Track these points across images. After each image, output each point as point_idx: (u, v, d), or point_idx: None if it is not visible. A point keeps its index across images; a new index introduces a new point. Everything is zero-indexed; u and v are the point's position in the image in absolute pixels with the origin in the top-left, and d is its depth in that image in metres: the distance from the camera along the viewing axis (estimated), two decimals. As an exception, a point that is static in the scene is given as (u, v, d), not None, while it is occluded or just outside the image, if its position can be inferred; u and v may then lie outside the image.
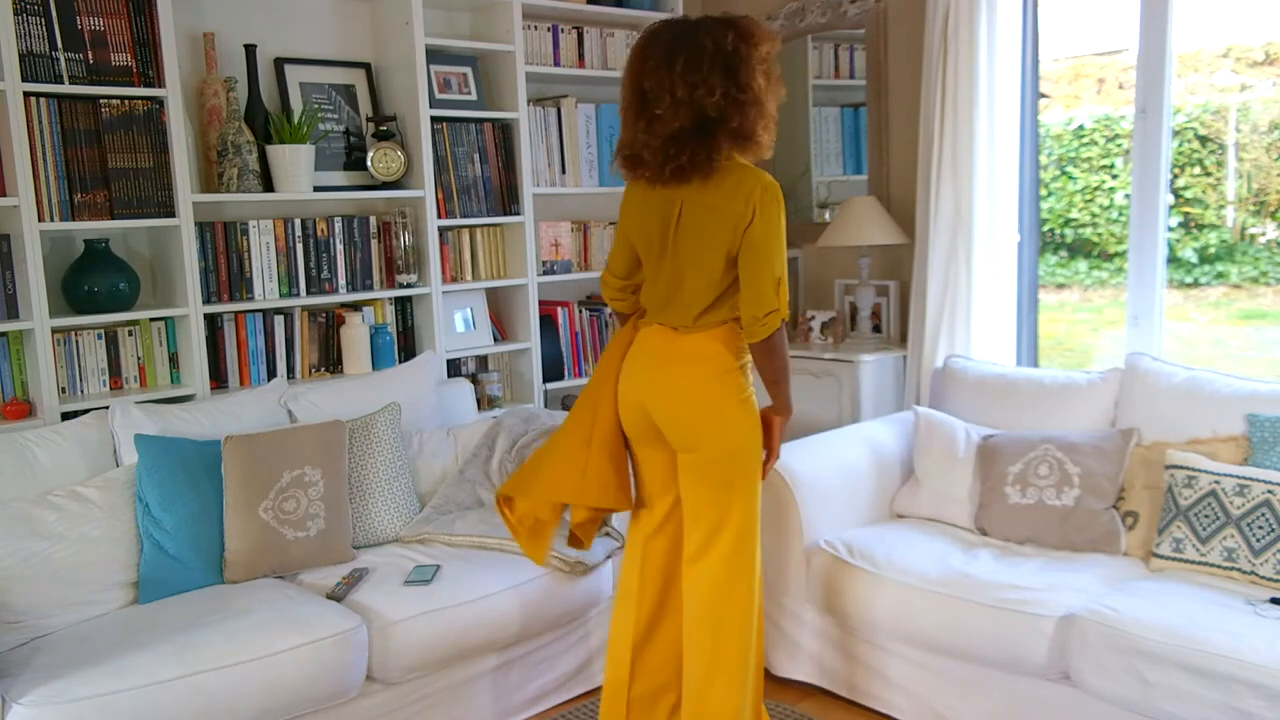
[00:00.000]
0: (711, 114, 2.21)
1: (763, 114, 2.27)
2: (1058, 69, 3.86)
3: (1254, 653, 2.20)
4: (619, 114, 2.40)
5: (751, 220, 2.24)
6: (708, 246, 2.29)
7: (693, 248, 2.31)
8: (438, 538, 3.01)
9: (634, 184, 2.40)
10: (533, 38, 3.98)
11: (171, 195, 3.17)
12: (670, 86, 2.21)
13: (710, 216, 2.27)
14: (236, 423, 2.99)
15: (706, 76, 2.20)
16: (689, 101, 2.21)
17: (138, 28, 3.09)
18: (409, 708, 2.68)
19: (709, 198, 2.27)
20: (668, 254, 2.34)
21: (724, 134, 2.24)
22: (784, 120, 2.26)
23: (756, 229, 2.25)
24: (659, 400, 2.37)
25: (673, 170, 2.26)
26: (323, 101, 3.62)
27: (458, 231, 3.83)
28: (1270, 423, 2.69)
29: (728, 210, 2.25)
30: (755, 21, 2.30)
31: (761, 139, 2.28)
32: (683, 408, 2.35)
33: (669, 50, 2.23)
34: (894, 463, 3.26)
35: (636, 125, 2.28)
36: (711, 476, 2.37)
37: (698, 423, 2.35)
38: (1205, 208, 3.57)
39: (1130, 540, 2.80)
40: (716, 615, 2.40)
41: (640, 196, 2.38)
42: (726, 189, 2.26)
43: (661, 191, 2.32)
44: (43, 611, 2.52)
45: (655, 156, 2.26)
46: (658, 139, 2.25)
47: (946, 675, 2.72)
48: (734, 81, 2.22)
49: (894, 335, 4.07)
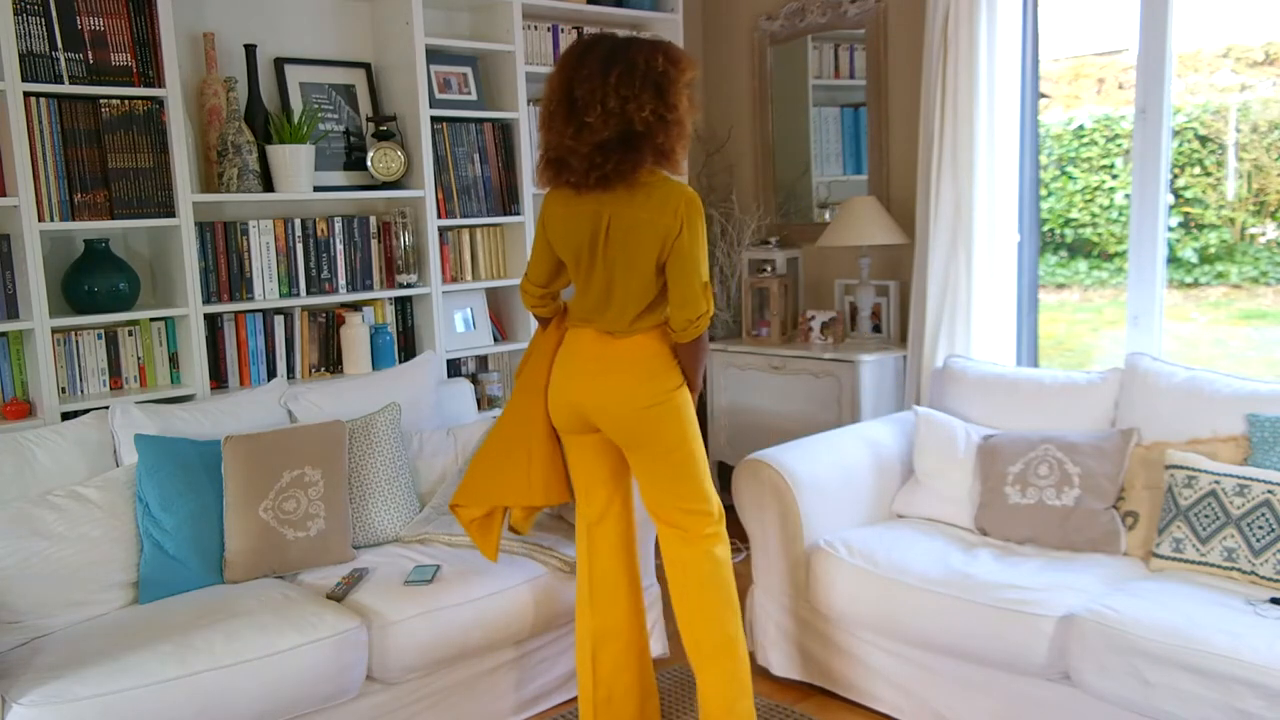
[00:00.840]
0: (639, 128, 2.32)
1: (683, 133, 2.40)
2: (1058, 69, 3.86)
3: (1254, 653, 2.20)
4: (539, 118, 2.48)
5: (680, 232, 2.37)
6: (639, 256, 2.40)
7: (626, 258, 2.41)
8: (438, 538, 3.01)
9: (555, 196, 2.49)
10: (533, 38, 3.98)
11: (171, 195, 3.17)
12: (602, 97, 2.31)
13: (639, 229, 2.38)
14: (236, 423, 2.99)
15: (638, 92, 2.31)
16: (619, 113, 2.31)
17: (138, 28, 3.09)
18: (409, 708, 2.68)
19: (637, 210, 2.38)
20: (598, 264, 2.44)
21: (648, 148, 2.35)
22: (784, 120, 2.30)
23: (684, 239, 2.37)
24: (600, 402, 2.48)
25: (597, 178, 2.35)
26: (323, 101, 3.62)
27: (458, 231, 3.83)
28: (1270, 423, 2.69)
29: (656, 223, 2.37)
30: (681, 49, 2.45)
31: (679, 156, 2.41)
32: (624, 408, 2.46)
33: (604, 62, 2.33)
34: (894, 463, 3.26)
35: (565, 130, 2.36)
36: (667, 464, 2.50)
37: (637, 423, 2.46)
38: (1205, 208, 3.57)
39: (1130, 540, 2.80)
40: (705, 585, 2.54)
41: (562, 210, 2.47)
42: (655, 202, 2.37)
43: (584, 204, 2.42)
44: (43, 611, 2.52)
45: (581, 163, 2.35)
46: (585, 146, 2.34)
47: (946, 675, 2.72)
48: (663, 100, 2.34)
49: (894, 335, 4.07)
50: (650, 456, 2.50)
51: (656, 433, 2.47)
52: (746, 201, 4.62)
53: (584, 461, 2.61)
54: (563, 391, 2.53)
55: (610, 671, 2.65)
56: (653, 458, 2.50)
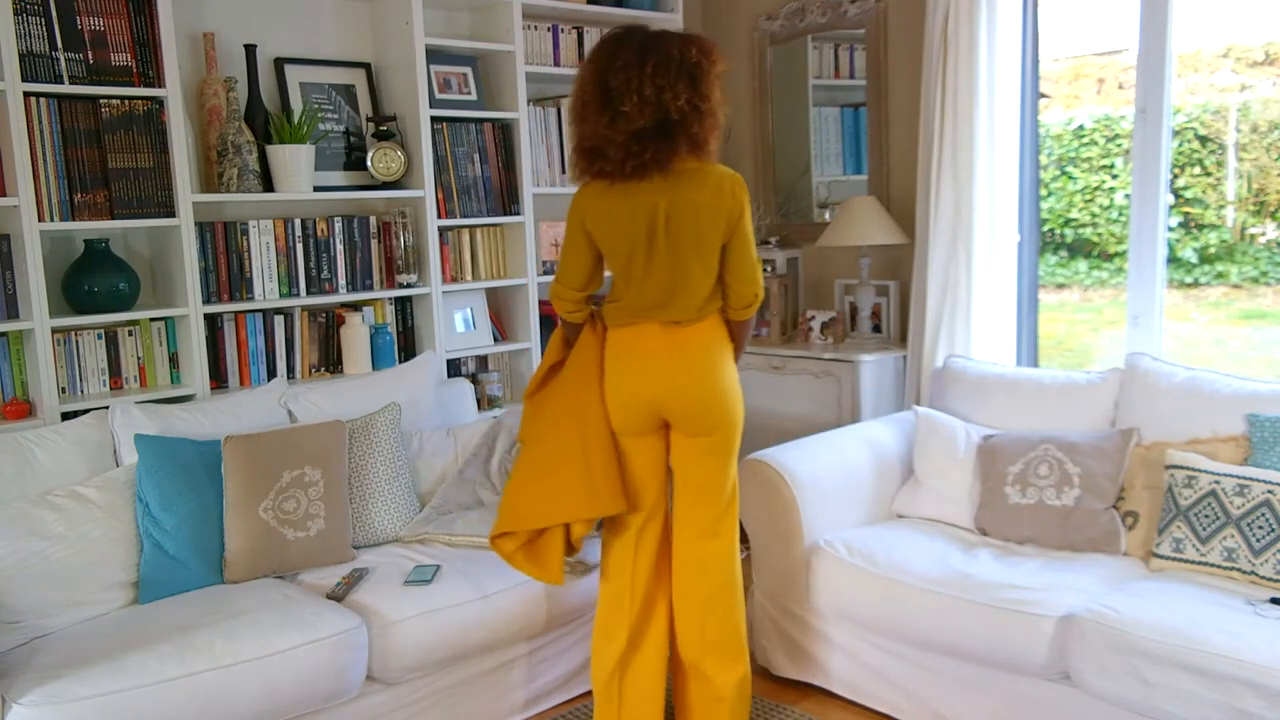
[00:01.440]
0: (674, 117, 2.34)
1: (715, 124, 2.43)
2: (1058, 69, 3.86)
3: (1254, 653, 2.20)
4: (569, 111, 2.48)
5: (742, 212, 2.44)
6: (706, 239, 2.42)
7: (694, 242, 2.42)
8: (438, 538, 3.01)
9: (591, 191, 2.45)
10: (533, 38, 3.98)
11: (171, 195, 3.17)
12: (639, 86, 2.32)
13: (702, 211, 2.40)
14: (236, 423, 2.99)
15: (673, 82, 2.33)
16: (655, 102, 2.32)
17: (138, 28, 3.09)
18: (409, 708, 2.68)
19: (695, 194, 2.39)
20: (658, 254, 2.42)
21: (683, 137, 2.37)
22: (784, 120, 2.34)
23: (745, 222, 2.45)
24: (686, 392, 2.47)
25: (634, 166, 2.36)
26: (323, 101, 3.62)
27: (458, 231, 3.83)
28: (1270, 423, 2.69)
29: (718, 205, 2.40)
30: (713, 41, 2.46)
31: (712, 146, 2.44)
32: (706, 394, 2.47)
33: (640, 52, 2.34)
34: (894, 463, 3.26)
35: (599, 120, 2.37)
36: (722, 453, 2.53)
37: (720, 406, 2.49)
38: (1205, 208, 3.56)
39: (1130, 540, 2.80)
40: (732, 581, 2.58)
41: (607, 205, 2.43)
42: (711, 185, 2.40)
43: (634, 196, 2.39)
44: (43, 611, 2.52)
45: (618, 152, 2.36)
46: (621, 135, 2.34)
47: (946, 675, 2.72)
48: (697, 91, 2.36)
49: (894, 335, 4.07)
50: (713, 443, 2.51)
51: (728, 414, 2.50)
52: (746, 201, 4.61)
53: (641, 464, 2.55)
54: (635, 391, 2.48)
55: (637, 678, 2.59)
56: (713, 445, 2.51)
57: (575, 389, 2.54)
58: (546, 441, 2.55)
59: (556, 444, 2.53)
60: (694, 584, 2.58)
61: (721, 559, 2.57)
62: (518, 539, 2.55)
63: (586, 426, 2.51)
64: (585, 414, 2.51)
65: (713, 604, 2.57)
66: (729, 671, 2.58)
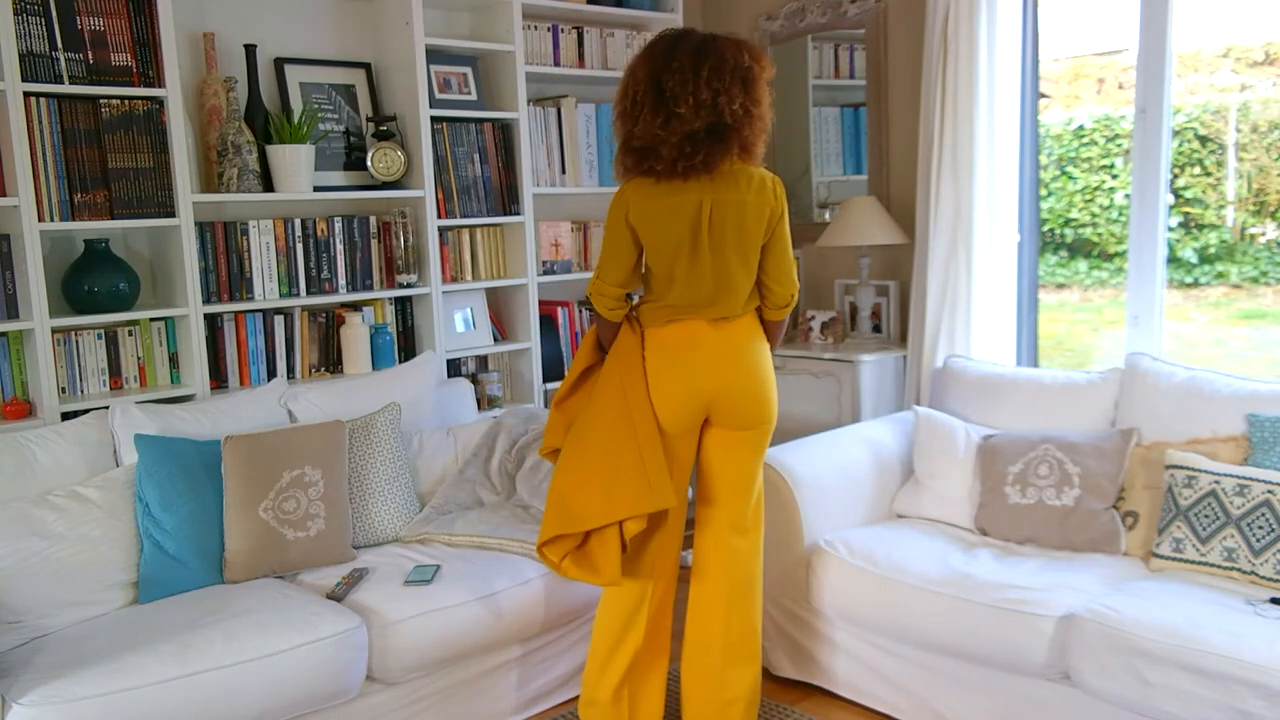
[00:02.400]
0: (728, 120, 2.38)
1: (764, 128, 2.48)
2: (1058, 69, 3.85)
3: (1254, 653, 2.20)
4: (619, 108, 2.47)
5: (782, 212, 2.52)
6: (750, 237, 2.48)
7: (738, 240, 2.47)
8: (438, 538, 3.01)
9: (637, 189, 2.44)
10: (533, 38, 3.98)
11: (171, 195, 3.17)
12: (695, 89, 2.36)
13: (746, 211, 2.46)
14: (236, 423, 2.99)
15: (728, 86, 2.37)
16: (711, 105, 2.36)
17: (138, 28, 3.09)
18: (409, 708, 2.68)
19: (740, 194, 2.45)
20: (703, 251, 2.45)
21: (735, 140, 2.41)
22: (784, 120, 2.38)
23: (784, 223, 2.53)
24: (736, 387, 2.52)
25: (685, 167, 2.39)
26: (323, 101, 3.62)
27: (458, 231, 3.83)
28: (1270, 423, 2.69)
29: (761, 204, 2.46)
30: (760, 47, 2.54)
31: (759, 150, 2.50)
32: (754, 387, 2.54)
33: (695, 56, 2.38)
34: (894, 463, 3.26)
35: (653, 120, 2.38)
36: (760, 448, 2.62)
37: (767, 400, 2.57)
38: (1205, 208, 3.56)
39: (1130, 540, 2.80)
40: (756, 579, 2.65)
41: (653, 204, 2.43)
42: (755, 186, 2.46)
43: (680, 194, 2.42)
44: (43, 611, 2.52)
45: (671, 152, 2.38)
46: (675, 135, 2.37)
47: (946, 675, 2.72)
48: (749, 95, 2.41)
49: (894, 335, 4.07)
50: (754, 437, 2.58)
51: (771, 408, 2.58)
52: (746, 201, 4.61)
53: (681, 459, 2.57)
54: (687, 385, 2.49)
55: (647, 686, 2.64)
56: (754, 439, 2.58)
57: (620, 387, 2.50)
58: (595, 441, 2.48)
59: (606, 442, 2.46)
60: (719, 580, 2.61)
61: (749, 555, 2.63)
62: (565, 545, 2.47)
63: (637, 423, 2.46)
64: (634, 411, 2.47)
65: (737, 600, 2.61)
66: (745, 669, 2.64)
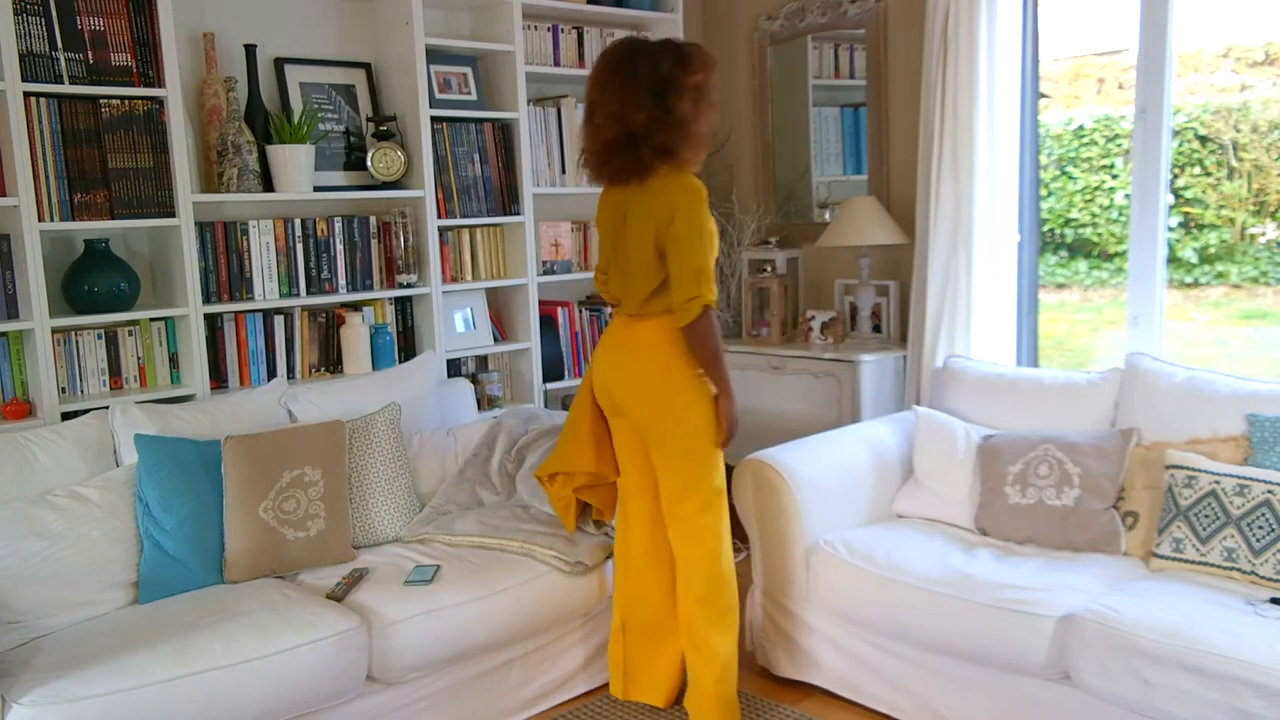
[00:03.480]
0: (636, 130, 2.53)
1: (686, 134, 2.56)
2: (1058, 69, 3.86)
3: (1254, 653, 2.20)
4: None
5: (673, 218, 2.54)
6: (641, 241, 2.60)
7: (637, 242, 2.62)
8: (438, 538, 3.01)
9: (601, 195, 2.74)
10: (533, 38, 3.98)
11: (171, 195, 3.17)
12: (606, 101, 2.56)
13: (643, 216, 2.59)
14: (236, 423, 2.99)
15: (637, 95, 2.52)
16: (620, 116, 2.54)
17: (138, 28, 3.09)
18: (409, 708, 2.68)
19: (643, 200, 2.59)
20: (619, 249, 2.68)
21: (646, 148, 2.54)
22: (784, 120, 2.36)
23: (677, 225, 2.53)
24: (620, 383, 2.70)
25: (609, 174, 2.63)
26: (323, 101, 3.62)
27: (458, 231, 3.83)
28: (1270, 423, 2.69)
29: (654, 210, 2.57)
30: (697, 51, 2.59)
31: (684, 155, 2.57)
32: (638, 388, 2.67)
33: (612, 69, 2.57)
34: (894, 463, 3.26)
35: (585, 130, 2.65)
36: (670, 448, 2.66)
37: (652, 402, 2.65)
38: (1205, 208, 3.56)
39: (1130, 540, 2.80)
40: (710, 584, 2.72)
41: (603, 200, 2.73)
42: (653, 192, 2.57)
43: (615, 195, 2.67)
44: (43, 611, 2.52)
45: (593, 160, 2.66)
46: (595, 145, 2.62)
47: (946, 675, 2.72)
48: (661, 104, 2.52)
49: (894, 335, 4.07)
50: (657, 440, 2.66)
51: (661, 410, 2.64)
52: (746, 201, 4.62)
53: (620, 439, 2.81)
54: (598, 373, 2.77)
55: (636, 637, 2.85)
56: (658, 440, 2.66)
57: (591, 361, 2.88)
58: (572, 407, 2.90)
59: (575, 405, 2.88)
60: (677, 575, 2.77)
61: (696, 562, 2.70)
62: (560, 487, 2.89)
63: (579, 396, 2.86)
64: (585, 386, 2.84)
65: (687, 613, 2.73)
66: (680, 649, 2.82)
